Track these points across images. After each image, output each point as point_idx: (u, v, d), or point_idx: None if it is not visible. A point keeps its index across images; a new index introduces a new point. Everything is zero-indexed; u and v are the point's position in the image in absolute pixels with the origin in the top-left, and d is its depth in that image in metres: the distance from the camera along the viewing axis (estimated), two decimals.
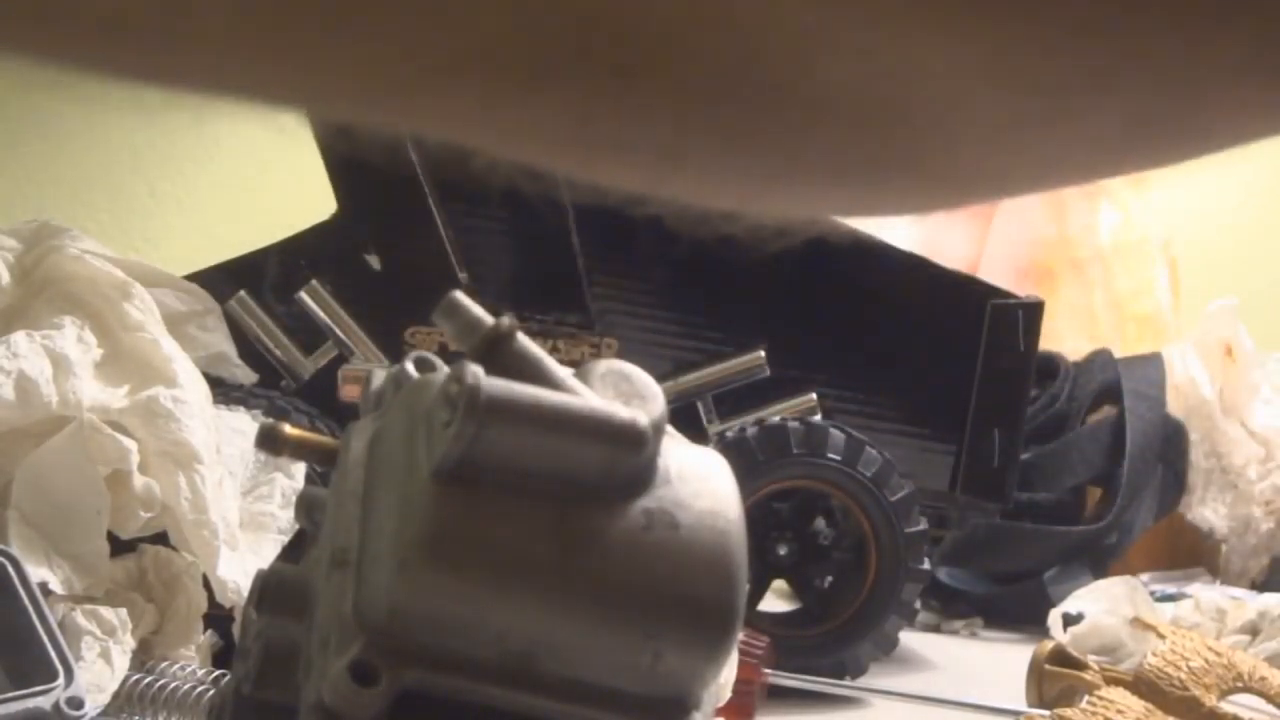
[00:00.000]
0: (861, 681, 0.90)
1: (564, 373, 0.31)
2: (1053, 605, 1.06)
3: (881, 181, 0.21)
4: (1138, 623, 0.92)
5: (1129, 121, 0.19)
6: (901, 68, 0.18)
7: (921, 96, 0.19)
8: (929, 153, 0.20)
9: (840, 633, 0.91)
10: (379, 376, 0.36)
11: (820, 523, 0.94)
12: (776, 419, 0.92)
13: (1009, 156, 0.21)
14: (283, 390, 0.92)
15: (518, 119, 0.19)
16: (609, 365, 0.31)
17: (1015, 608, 1.23)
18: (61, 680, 0.57)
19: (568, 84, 0.18)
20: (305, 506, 0.37)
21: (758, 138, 0.19)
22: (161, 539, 0.70)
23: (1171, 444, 1.36)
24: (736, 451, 0.88)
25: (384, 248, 0.94)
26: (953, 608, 1.25)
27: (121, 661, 0.63)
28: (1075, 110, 0.19)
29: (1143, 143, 0.20)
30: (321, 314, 0.93)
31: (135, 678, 0.64)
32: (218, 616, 0.70)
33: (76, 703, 0.56)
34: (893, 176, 0.21)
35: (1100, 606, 1.00)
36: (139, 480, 0.67)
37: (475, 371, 0.29)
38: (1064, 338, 1.46)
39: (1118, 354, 1.39)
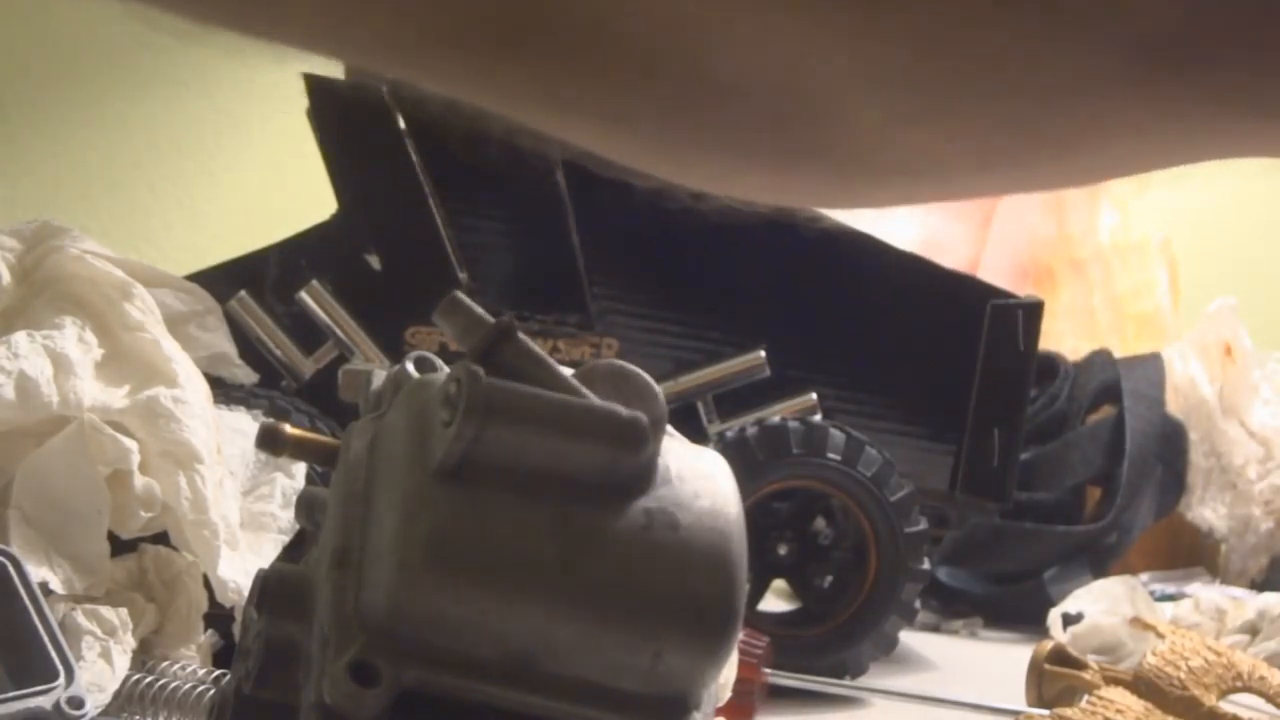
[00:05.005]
0: (861, 681, 0.90)
1: (564, 373, 0.31)
2: (1052, 605, 1.06)
3: (788, 167, 0.24)
4: (1137, 622, 0.92)
5: (1005, 126, 0.21)
6: (787, 60, 0.20)
7: (810, 89, 0.21)
8: (826, 143, 0.23)
9: (840, 633, 0.91)
10: (379, 376, 0.36)
11: (820, 523, 0.94)
12: (776, 419, 0.92)
13: (901, 153, 0.23)
14: (283, 390, 0.91)
15: (497, 82, 0.22)
16: (609, 365, 0.31)
17: (1015, 608, 1.23)
18: (62, 680, 0.57)
19: (527, 57, 0.22)
20: (306, 506, 0.37)
21: (684, 111, 0.22)
22: (162, 539, 0.70)
23: (1171, 444, 1.36)
24: (736, 451, 0.88)
25: (384, 248, 0.94)
26: (953, 608, 1.25)
27: (122, 661, 0.63)
28: (952, 110, 0.21)
29: (1026, 151, 0.22)
30: (322, 314, 0.93)
31: (136, 677, 0.64)
32: (218, 616, 0.70)
33: (77, 702, 0.56)
34: (798, 163, 0.24)
35: (1100, 606, 1.00)
36: (139, 480, 0.67)
37: (476, 371, 0.29)
38: (1064, 338, 1.46)
39: (1117, 354, 1.39)
